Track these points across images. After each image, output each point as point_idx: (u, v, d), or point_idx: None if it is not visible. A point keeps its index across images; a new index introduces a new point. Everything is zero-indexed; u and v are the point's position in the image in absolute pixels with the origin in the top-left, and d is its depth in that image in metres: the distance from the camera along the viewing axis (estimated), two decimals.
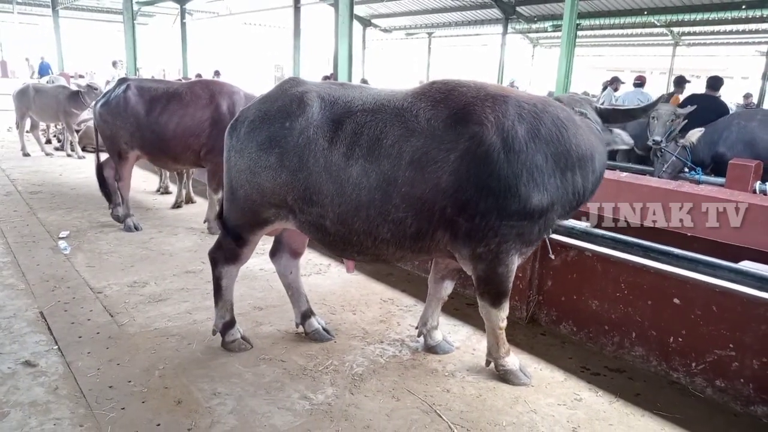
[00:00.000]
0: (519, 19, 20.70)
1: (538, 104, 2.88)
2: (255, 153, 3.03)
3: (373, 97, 2.99)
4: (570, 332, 3.90)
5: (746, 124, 6.30)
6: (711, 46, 25.41)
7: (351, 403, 2.96)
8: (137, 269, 4.83)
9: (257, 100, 3.24)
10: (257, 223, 3.20)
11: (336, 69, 6.10)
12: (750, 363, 3.02)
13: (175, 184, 7.27)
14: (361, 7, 23.70)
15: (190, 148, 5.63)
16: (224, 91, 5.76)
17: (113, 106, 5.68)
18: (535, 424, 2.86)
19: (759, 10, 15.25)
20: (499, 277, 2.94)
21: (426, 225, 2.84)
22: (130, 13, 12.55)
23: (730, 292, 3.05)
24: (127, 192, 5.99)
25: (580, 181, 2.87)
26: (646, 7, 17.54)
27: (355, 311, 4.15)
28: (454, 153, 2.74)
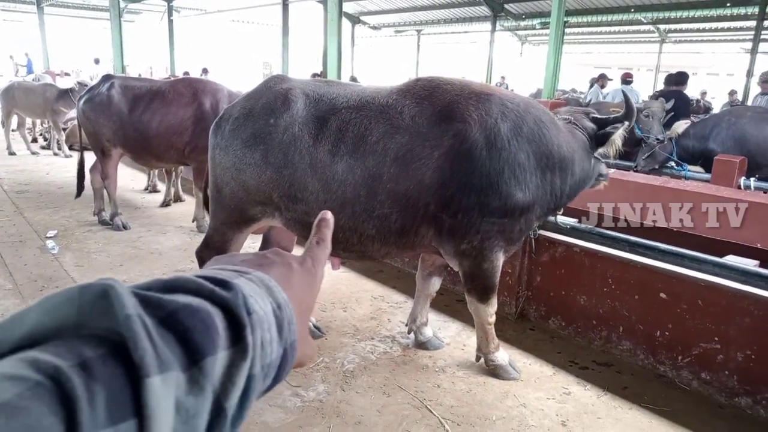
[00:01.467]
0: (507, 17, 20.80)
1: (521, 104, 2.93)
2: (240, 150, 3.03)
3: (358, 94, 3.00)
4: (558, 327, 3.94)
5: (737, 121, 6.38)
6: (697, 43, 25.68)
7: (342, 399, 2.98)
8: (126, 268, 4.81)
9: (242, 97, 3.23)
10: (243, 221, 3.20)
11: (325, 66, 6.11)
12: (734, 355, 3.07)
13: (164, 182, 7.24)
14: (350, 4, 23.66)
15: (173, 146, 5.59)
16: (207, 88, 5.72)
17: (96, 103, 5.64)
18: (524, 418, 2.89)
19: (743, 8, 15.46)
20: (485, 272, 2.98)
21: (410, 221, 2.87)
22: (117, 11, 12.45)
23: (715, 286, 3.10)
24: (114, 190, 5.95)
25: (558, 182, 2.92)
26: (633, 5, 17.69)
27: (345, 308, 4.16)
28: (439, 150, 2.77)
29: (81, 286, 0.43)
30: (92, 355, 0.39)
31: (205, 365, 0.44)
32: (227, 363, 0.46)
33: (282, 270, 0.61)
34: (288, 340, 0.54)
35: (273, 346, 0.52)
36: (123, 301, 0.42)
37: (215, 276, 0.51)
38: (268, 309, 0.52)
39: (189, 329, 0.44)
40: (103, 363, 0.39)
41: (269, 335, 0.51)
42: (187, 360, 0.43)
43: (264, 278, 0.56)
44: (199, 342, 0.44)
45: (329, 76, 6.21)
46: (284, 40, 15.76)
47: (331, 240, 0.71)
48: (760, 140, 6.17)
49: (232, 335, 0.47)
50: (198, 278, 0.50)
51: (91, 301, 0.42)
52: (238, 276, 0.54)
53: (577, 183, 3.04)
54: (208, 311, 0.46)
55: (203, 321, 0.45)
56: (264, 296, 0.53)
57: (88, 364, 0.39)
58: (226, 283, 0.50)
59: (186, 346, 0.44)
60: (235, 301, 0.49)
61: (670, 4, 16.77)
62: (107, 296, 0.42)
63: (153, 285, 0.48)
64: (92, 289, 0.42)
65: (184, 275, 0.50)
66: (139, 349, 0.40)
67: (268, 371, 0.52)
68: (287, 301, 0.56)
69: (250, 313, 0.49)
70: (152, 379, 0.40)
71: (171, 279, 0.49)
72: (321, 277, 0.67)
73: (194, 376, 0.43)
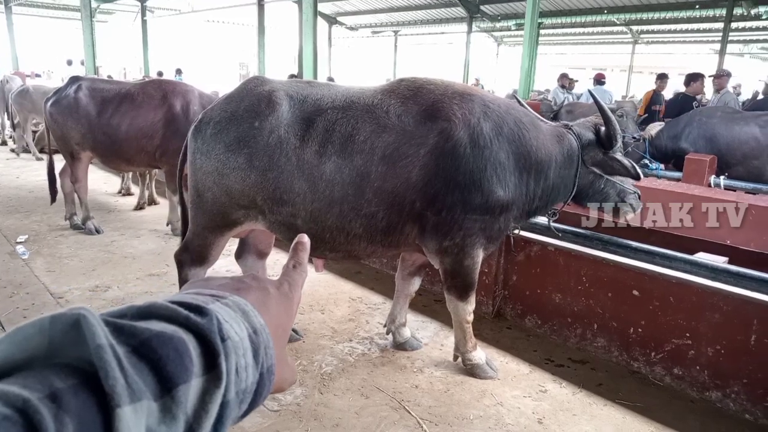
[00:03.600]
0: (483, 18, 20.98)
1: (502, 105, 3.00)
2: (222, 154, 2.99)
3: (342, 94, 3.01)
4: (535, 325, 3.98)
5: (707, 121, 6.53)
6: (668, 44, 26.21)
7: (320, 402, 2.96)
8: (99, 273, 4.72)
9: (221, 100, 3.19)
10: (226, 225, 3.16)
11: (301, 67, 6.08)
12: (705, 350, 3.14)
13: (137, 185, 7.12)
14: (326, 4, 23.62)
15: (143, 149, 5.49)
16: (177, 90, 5.62)
17: (64, 105, 5.51)
18: (501, 416, 2.92)
19: (711, 10, 15.82)
20: (465, 269, 3.01)
21: (396, 219, 2.90)
22: (88, 11, 12.22)
23: (686, 283, 3.16)
24: (84, 194, 5.82)
25: (532, 184, 2.96)
26: (606, 6, 17.99)
27: (323, 310, 4.15)
28: (424, 148, 2.81)
29: (52, 316, 0.42)
30: (62, 385, 0.39)
31: (177, 393, 0.44)
32: (201, 391, 0.46)
33: (259, 294, 0.61)
34: (264, 365, 0.54)
35: (249, 372, 0.52)
36: (94, 331, 0.41)
37: (190, 302, 0.51)
38: (244, 334, 0.52)
39: (162, 357, 0.44)
40: (73, 394, 0.39)
41: (244, 361, 0.51)
42: (159, 388, 0.43)
43: (240, 303, 0.56)
44: (171, 370, 0.44)
45: (305, 77, 6.18)
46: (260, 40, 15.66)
47: (306, 262, 0.72)
48: (729, 140, 6.32)
49: (206, 362, 0.47)
50: (173, 304, 0.50)
51: (63, 331, 0.42)
52: (214, 301, 0.54)
53: (551, 189, 3.03)
54: (181, 339, 0.46)
55: (176, 349, 0.45)
56: (240, 321, 0.53)
57: (58, 395, 0.38)
58: (201, 308, 0.50)
59: (159, 374, 0.44)
60: (210, 328, 0.49)
61: (642, 5, 17.10)
62: (78, 325, 0.42)
63: (127, 312, 0.48)
64: (63, 318, 0.42)
65: (159, 301, 0.50)
66: (110, 379, 0.40)
67: (243, 397, 0.51)
68: (264, 325, 0.56)
69: (225, 340, 0.49)
70: (123, 409, 0.40)
71: (145, 305, 0.49)
72: (298, 301, 0.68)
73: (167, 405, 0.43)
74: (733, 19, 15.21)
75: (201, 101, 5.54)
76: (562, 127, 3.12)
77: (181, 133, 5.34)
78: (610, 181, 3.09)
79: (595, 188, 3.12)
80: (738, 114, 6.77)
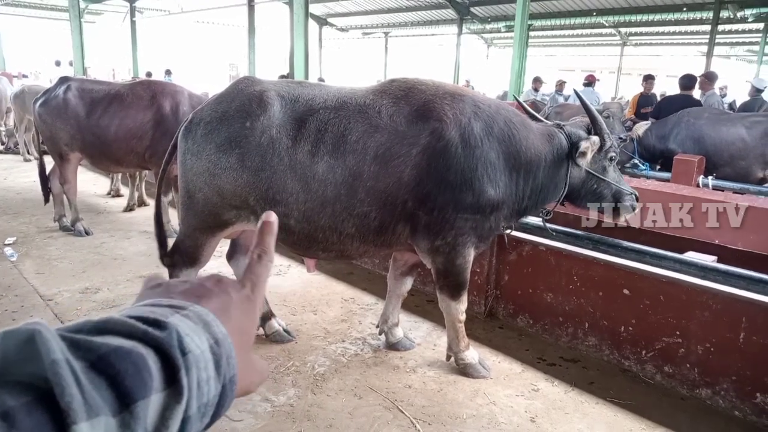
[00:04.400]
0: (473, 20, 21.07)
1: (492, 105, 3.03)
2: (214, 155, 2.98)
3: (334, 94, 3.02)
4: (527, 325, 4.00)
5: (695, 122, 6.60)
6: (656, 46, 26.46)
7: (313, 403, 2.96)
8: (89, 275, 4.69)
9: (211, 100, 3.18)
10: (217, 226, 3.15)
11: (292, 68, 6.07)
12: (695, 349, 3.17)
13: (127, 186, 7.07)
14: (317, 5, 23.60)
15: (133, 150, 5.46)
16: (167, 91, 5.60)
17: (53, 106, 5.48)
18: (494, 415, 2.93)
19: (699, 13, 15.99)
20: (457, 268, 3.03)
21: (389, 218, 2.92)
22: (77, 11, 12.13)
23: (675, 282, 3.19)
24: (74, 195, 5.77)
25: (521, 183, 2.99)
26: (595, 8, 18.12)
27: (316, 311, 4.14)
28: (416, 148, 2.82)
29: (5, 332, 0.41)
30: (15, 404, 0.38)
31: (136, 409, 0.43)
32: (161, 406, 0.45)
33: (220, 300, 0.59)
34: (227, 375, 0.53)
35: (210, 385, 0.51)
36: (49, 346, 0.40)
37: (149, 315, 0.50)
38: (205, 346, 0.51)
39: (120, 372, 0.43)
40: (27, 412, 0.38)
41: (206, 374, 0.50)
42: (117, 404, 0.42)
43: (201, 313, 0.54)
44: (130, 385, 0.43)
45: (296, 78, 6.17)
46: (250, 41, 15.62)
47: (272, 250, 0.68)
48: (716, 141, 6.40)
49: (166, 377, 0.46)
50: (131, 318, 0.49)
51: (16, 346, 0.40)
52: (173, 313, 0.52)
53: (540, 188, 3.05)
54: (140, 353, 0.45)
55: (135, 364, 0.44)
56: (201, 333, 0.52)
57: (11, 413, 0.37)
58: (159, 322, 0.49)
59: (117, 389, 0.43)
60: (169, 342, 0.48)
61: (631, 8, 17.25)
62: (33, 341, 0.40)
63: (83, 327, 0.47)
64: (17, 334, 0.41)
65: (116, 316, 0.49)
66: (65, 396, 0.39)
67: (205, 411, 0.51)
68: (226, 335, 0.54)
69: (186, 353, 0.48)
70: (80, 425, 0.39)
71: (102, 320, 0.48)
72: (261, 301, 0.66)
73: (125, 421, 0.42)
74: (720, 21, 15.38)
75: (191, 102, 5.51)
76: (554, 127, 3.15)
77: (171, 134, 5.33)
78: (603, 181, 3.10)
79: (587, 188, 3.12)
80: (725, 115, 6.85)
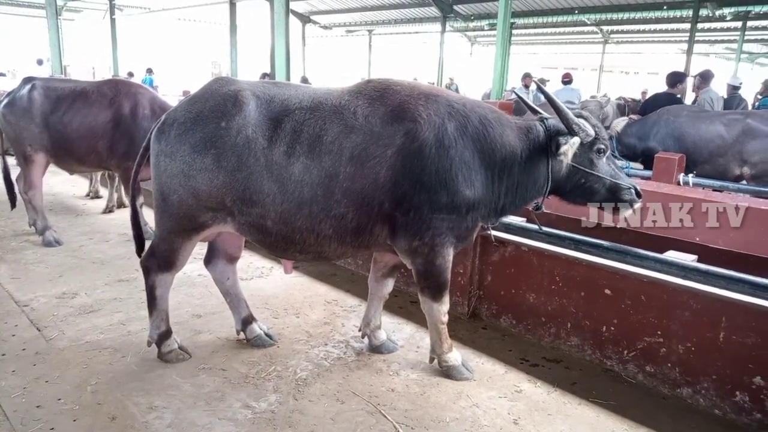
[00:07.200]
0: (457, 18, 21.08)
1: (467, 104, 3.01)
2: (188, 156, 2.93)
3: (309, 95, 3.01)
4: (510, 325, 4.00)
5: (675, 120, 6.65)
6: (637, 44, 26.70)
7: (295, 409, 2.92)
8: (66, 279, 4.59)
9: (185, 101, 3.14)
10: (193, 229, 3.10)
11: (273, 66, 6.00)
12: (676, 348, 3.19)
13: (106, 187, 6.96)
14: (299, 3, 23.45)
15: (94, 150, 5.44)
16: (130, 92, 5.56)
17: (17, 106, 5.41)
18: (477, 418, 2.91)
19: (679, 11, 16.16)
20: (437, 269, 3.01)
21: (366, 220, 2.91)
22: (54, 8, 11.90)
23: (657, 282, 3.19)
24: (39, 201, 5.59)
25: (497, 182, 2.96)
26: (577, 6, 18.23)
27: (298, 314, 4.10)
28: (391, 148, 2.82)
29: None
30: None
31: None
32: None
33: None
34: None
35: None
36: None
37: None
38: None
39: None
40: None
41: None
42: None
43: None
44: None
45: (278, 77, 6.11)
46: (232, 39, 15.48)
47: None
48: (695, 138, 6.45)
49: None
50: None
51: None
52: None
53: (516, 185, 3.00)
54: None
55: None
56: None
57: None
58: None
59: None
60: None
61: (612, 6, 17.38)
62: None
63: None
64: None
65: None
66: None
67: None
68: None
69: None
70: None
71: None
72: None
73: None
74: (699, 20, 15.55)
75: (152, 105, 5.50)
76: (536, 121, 3.08)
77: (128, 136, 5.30)
78: (592, 176, 2.97)
79: (574, 183, 3.01)
80: (704, 113, 6.91)
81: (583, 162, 2.98)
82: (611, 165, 3.05)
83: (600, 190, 3.01)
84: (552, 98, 3.01)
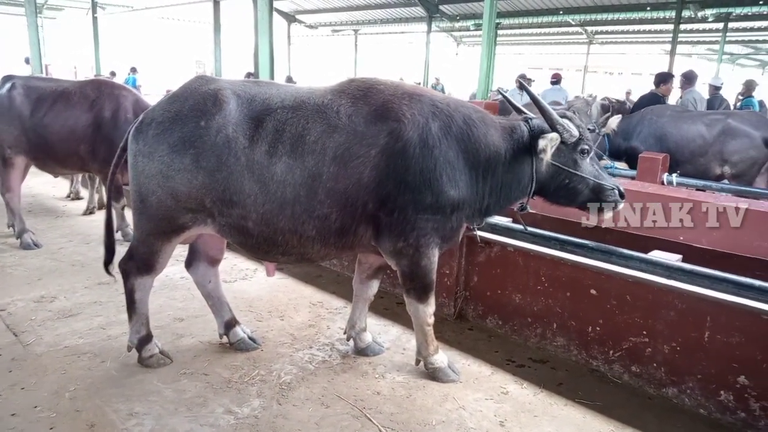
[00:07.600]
0: (442, 18, 21.10)
1: (451, 103, 2.99)
2: (167, 156, 2.87)
3: (291, 94, 2.97)
4: (496, 326, 3.98)
5: (657, 119, 6.69)
6: (622, 44, 26.91)
7: (279, 413, 2.87)
8: (45, 283, 4.49)
9: (163, 100, 3.07)
10: (173, 231, 3.04)
11: (256, 66, 5.93)
12: (661, 348, 3.19)
13: (87, 189, 6.84)
14: (284, 2, 23.32)
15: (75, 152, 5.30)
16: (113, 94, 5.42)
17: None
18: (463, 420, 2.89)
19: (662, 12, 16.32)
20: (423, 270, 2.98)
21: (350, 220, 2.87)
22: (33, 6, 11.68)
23: (642, 282, 3.19)
24: (17, 204, 5.47)
25: (481, 182, 2.94)
26: (562, 7, 18.33)
27: (283, 317, 4.04)
28: (375, 148, 2.79)
29: None
30: None
31: None
32: None
33: None
34: None
35: None
36: None
37: None
38: None
39: None
40: None
41: None
42: None
43: None
44: None
45: (261, 76, 6.03)
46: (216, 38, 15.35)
47: None
48: (677, 138, 6.50)
49: None
50: None
51: None
52: None
53: (500, 185, 2.98)
54: None
55: None
56: None
57: None
58: None
59: None
60: None
61: (596, 6, 17.49)
62: None
63: None
64: None
65: None
66: None
67: None
68: None
69: None
70: None
71: None
72: None
73: None
74: (682, 21, 15.68)
75: (135, 108, 5.35)
76: (521, 121, 3.06)
77: (108, 139, 5.18)
78: (575, 176, 2.96)
79: (557, 183, 2.99)
80: (687, 113, 6.97)
81: (567, 162, 2.97)
82: (595, 165, 3.04)
83: (584, 191, 3.00)
84: (536, 98, 2.99)
